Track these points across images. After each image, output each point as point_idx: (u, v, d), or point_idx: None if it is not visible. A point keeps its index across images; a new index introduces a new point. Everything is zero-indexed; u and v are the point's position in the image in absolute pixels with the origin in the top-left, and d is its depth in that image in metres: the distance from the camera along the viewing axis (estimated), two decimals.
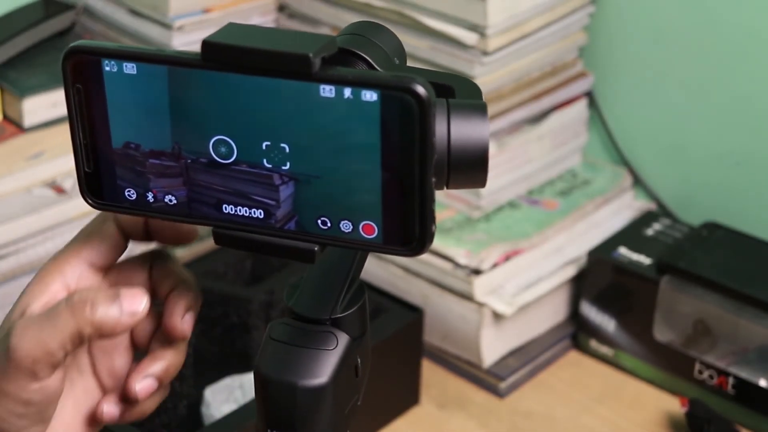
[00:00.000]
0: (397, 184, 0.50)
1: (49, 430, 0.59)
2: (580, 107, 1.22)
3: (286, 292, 0.60)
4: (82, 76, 0.53)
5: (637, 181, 1.24)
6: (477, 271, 1.07)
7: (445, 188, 0.52)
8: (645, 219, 1.17)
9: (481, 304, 1.07)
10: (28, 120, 1.11)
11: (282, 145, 0.51)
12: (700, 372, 1.05)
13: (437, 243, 1.09)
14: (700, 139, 1.19)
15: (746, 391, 1.02)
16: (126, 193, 0.55)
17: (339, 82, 0.49)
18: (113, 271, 0.61)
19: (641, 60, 1.21)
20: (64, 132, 0.98)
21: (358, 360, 0.60)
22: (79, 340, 0.56)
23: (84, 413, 0.61)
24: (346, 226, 0.52)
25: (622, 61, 1.22)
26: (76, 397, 0.61)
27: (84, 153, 0.55)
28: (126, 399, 0.60)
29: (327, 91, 0.49)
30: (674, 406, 1.04)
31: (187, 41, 1.16)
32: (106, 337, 0.57)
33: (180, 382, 1.00)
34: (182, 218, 0.55)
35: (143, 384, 0.59)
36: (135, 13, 1.19)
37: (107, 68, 0.52)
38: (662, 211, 1.22)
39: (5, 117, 1.13)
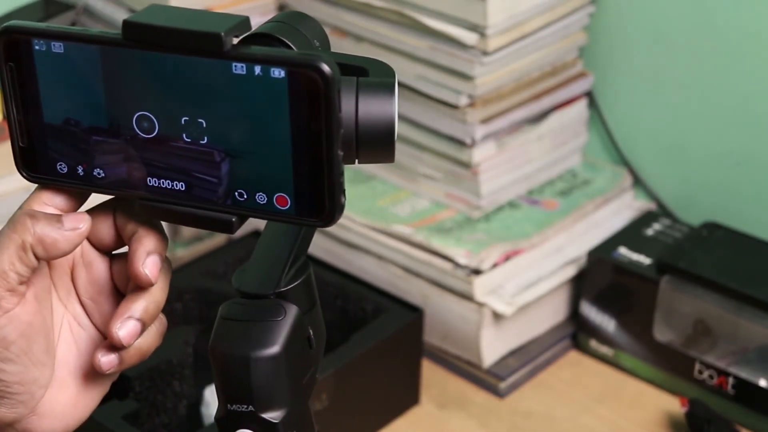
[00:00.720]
0: (306, 158, 0.53)
1: (60, 382, 0.60)
2: (580, 107, 1.22)
3: (234, 276, 0.63)
4: (14, 54, 0.56)
5: (637, 181, 1.24)
6: (477, 271, 1.07)
7: (356, 162, 0.55)
8: (645, 219, 1.17)
9: (481, 304, 1.07)
10: None
11: (199, 120, 0.54)
12: (700, 372, 1.05)
13: (437, 243, 1.10)
14: (700, 139, 1.19)
15: (746, 391, 1.02)
16: (58, 167, 0.58)
17: (249, 60, 0.52)
18: None
19: (641, 60, 1.20)
20: None
21: (310, 331, 0.61)
22: (25, 253, 0.56)
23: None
24: (261, 198, 0.54)
25: (622, 61, 1.22)
26: (81, 350, 0.61)
27: (18, 128, 0.58)
28: (114, 347, 0.59)
29: (239, 68, 0.52)
30: (674, 406, 1.04)
31: None
32: (53, 253, 0.56)
33: (180, 382, 1.00)
34: (110, 190, 0.57)
35: (125, 328, 0.58)
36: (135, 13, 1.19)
37: (37, 47, 0.55)
38: (662, 211, 1.22)
39: (5, 117, 1.13)
